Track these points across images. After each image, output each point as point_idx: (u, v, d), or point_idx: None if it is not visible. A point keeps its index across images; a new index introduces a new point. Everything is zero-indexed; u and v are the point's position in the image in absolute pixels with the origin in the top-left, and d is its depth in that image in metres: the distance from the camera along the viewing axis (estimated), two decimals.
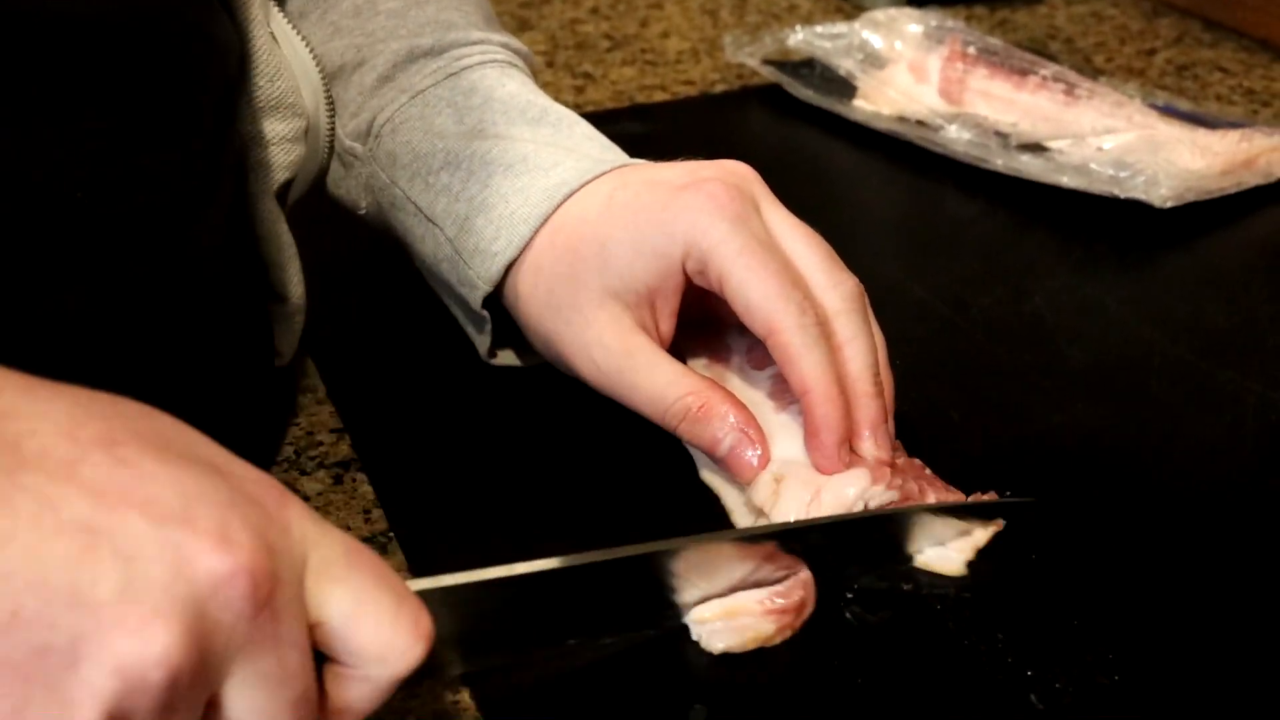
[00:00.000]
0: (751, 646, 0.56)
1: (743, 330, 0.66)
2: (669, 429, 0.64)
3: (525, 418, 0.71)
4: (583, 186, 0.67)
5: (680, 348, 0.69)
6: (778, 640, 0.57)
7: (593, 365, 0.65)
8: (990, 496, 0.63)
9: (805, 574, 0.58)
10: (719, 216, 0.62)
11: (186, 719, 0.39)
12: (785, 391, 0.65)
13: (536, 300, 0.67)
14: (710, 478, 0.66)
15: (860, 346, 0.63)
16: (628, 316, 0.65)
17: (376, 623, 0.43)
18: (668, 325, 0.66)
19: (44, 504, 0.37)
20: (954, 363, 0.76)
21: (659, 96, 1.14)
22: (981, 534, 0.61)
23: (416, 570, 0.61)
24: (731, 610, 0.57)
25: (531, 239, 0.67)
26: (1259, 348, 0.78)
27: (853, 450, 0.62)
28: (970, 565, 0.61)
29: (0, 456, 0.37)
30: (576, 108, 0.75)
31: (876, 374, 0.64)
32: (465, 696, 0.55)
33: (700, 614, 0.57)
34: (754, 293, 0.62)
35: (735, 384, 0.68)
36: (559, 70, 1.20)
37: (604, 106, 1.10)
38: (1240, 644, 0.57)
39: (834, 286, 0.64)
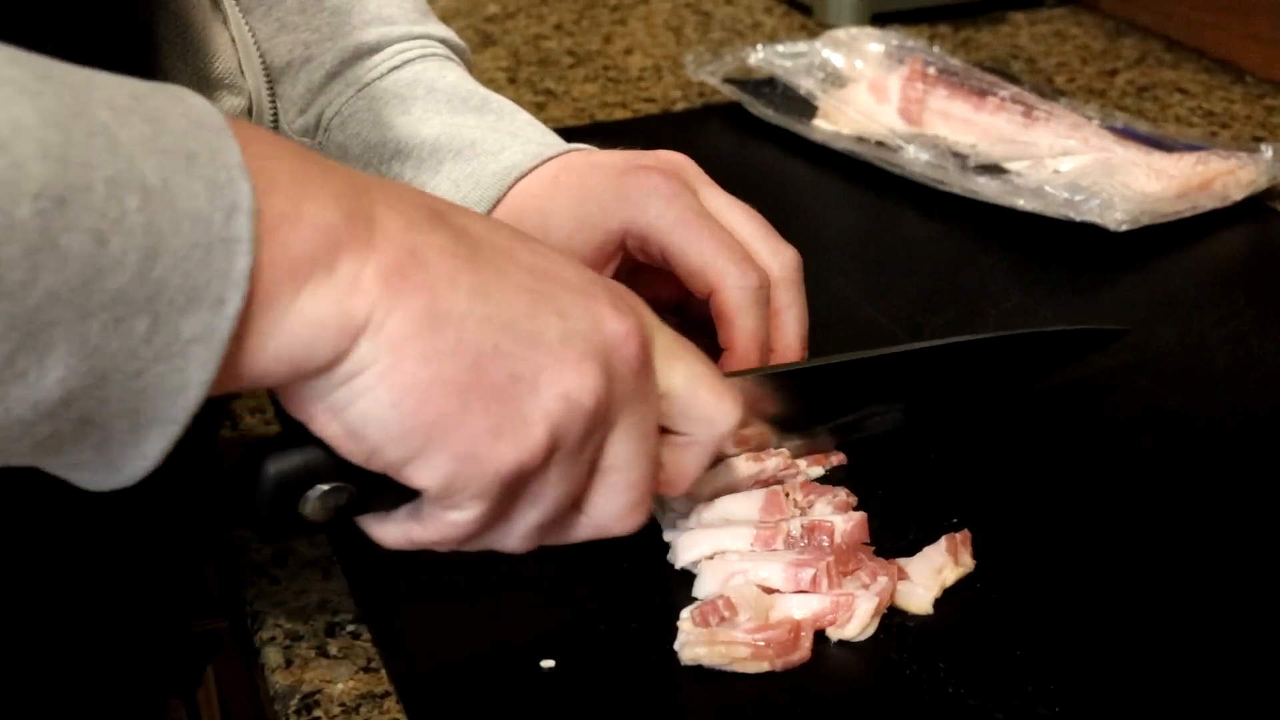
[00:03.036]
0: (722, 664, 0.56)
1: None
2: None
3: None
4: (532, 170, 0.70)
5: None
6: (751, 668, 0.56)
7: None
8: (964, 536, 0.62)
9: (808, 621, 0.58)
10: (657, 195, 0.66)
11: (589, 455, 0.50)
12: None
13: None
14: None
15: (795, 315, 0.68)
16: None
17: (710, 390, 0.54)
18: None
19: (500, 271, 0.48)
20: None
21: (620, 114, 1.14)
22: (950, 573, 0.61)
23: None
24: (722, 641, 0.56)
25: None
26: (1210, 371, 0.78)
27: None
28: (947, 603, 0.60)
29: (460, 236, 0.48)
30: None
31: (805, 346, 0.68)
32: None
33: (687, 626, 0.57)
34: (694, 256, 0.65)
35: None
36: (521, 86, 1.19)
37: (564, 123, 1.10)
38: (1181, 675, 0.57)
39: (774, 255, 0.67)
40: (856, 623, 0.57)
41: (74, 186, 0.38)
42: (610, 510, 0.52)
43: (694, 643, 0.56)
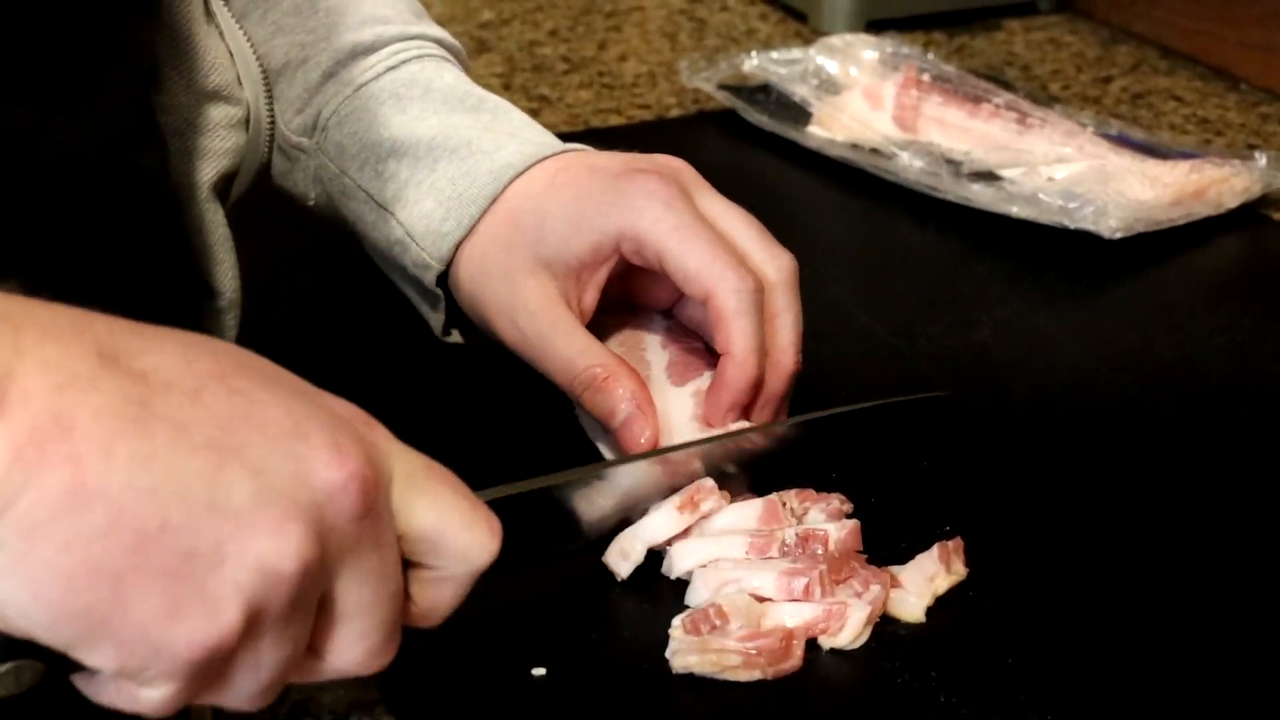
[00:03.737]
0: (713, 672, 0.56)
1: (664, 341, 0.71)
2: (573, 396, 0.67)
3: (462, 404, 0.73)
4: (528, 169, 0.70)
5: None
6: (742, 677, 0.56)
7: (514, 328, 0.68)
8: (956, 543, 0.62)
9: (800, 630, 0.57)
10: (653, 200, 0.66)
11: (307, 613, 0.44)
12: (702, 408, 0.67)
13: (471, 265, 0.70)
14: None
15: (790, 320, 0.67)
16: (553, 286, 0.68)
17: (460, 525, 0.48)
18: (591, 299, 0.69)
19: (177, 428, 0.42)
20: (898, 392, 0.76)
21: (614, 120, 1.14)
22: (943, 581, 0.61)
23: None
24: (714, 649, 0.56)
25: (479, 219, 0.70)
26: (1206, 381, 0.78)
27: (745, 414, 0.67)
28: (939, 611, 0.60)
29: (134, 387, 0.41)
30: None
31: (799, 351, 0.68)
32: None
33: (679, 634, 0.57)
34: (691, 262, 0.65)
35: (654, 396, 0.68)
36: (515, 92, 1.19)
37: (559, 129, 1.10)
38: (1175, 684, 0.56)
39: (770, 260, 0.67)
40: (849, 631, 0.57)
41: None
42: (352, 657, 0.47)
43: (685, 651, 0.56)
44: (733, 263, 0.65)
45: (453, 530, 0.48)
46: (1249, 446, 0.72)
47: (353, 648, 0.47)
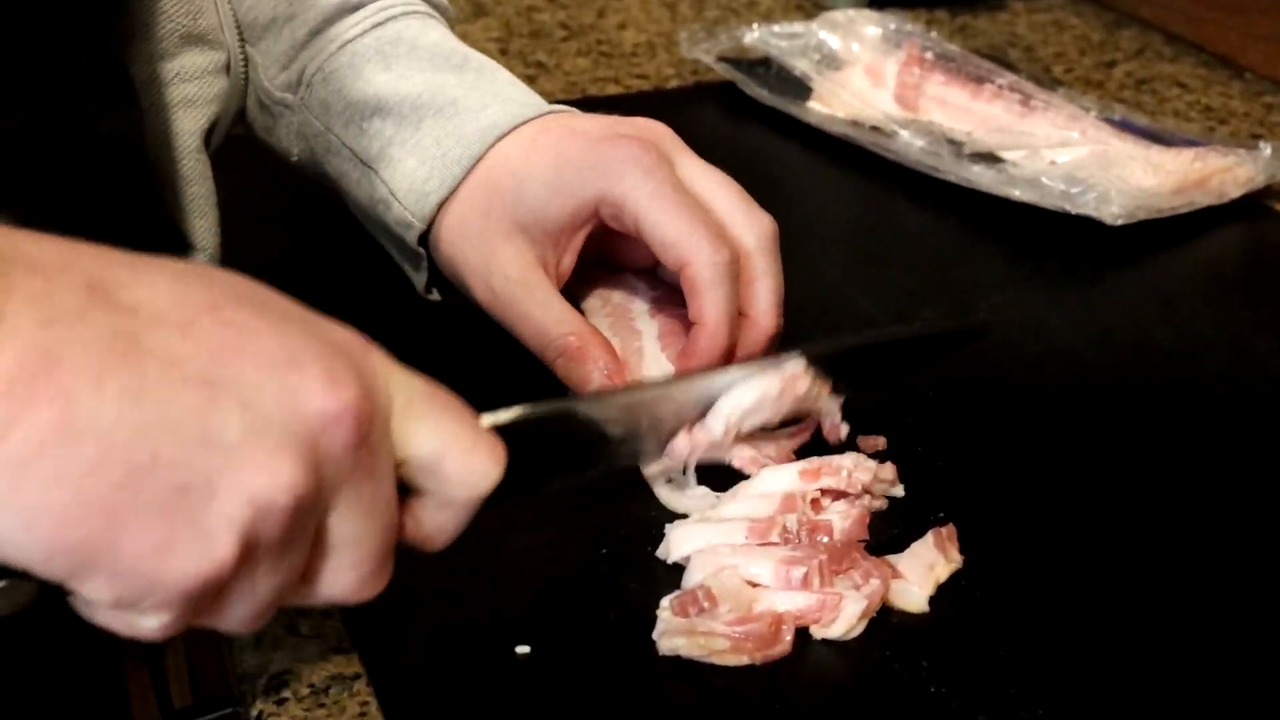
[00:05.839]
0: (700, 655, 0.55)
1: (652, 310, 0.71)
2: (547, 362, 0.67)
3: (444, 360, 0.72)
4: (513, 129, 0.70)
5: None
6: (730, 661, 0.55)
7: (489, 292, 0.68)
8: (949, 530, 0.61)
9: (791, 616, 0.56)
10: (633, 165, 0.66)
11: (302, 543, 0.45)
12: None
13: (450, 226, 0.70)
14: None
15: (769, 284, 0.67)
16: (531, 251, 0.68)
17: (461, 452, 0.48)
18: (569, 263, 0.69)
19: (168, 362, 0.41)
20: None
21: (612, 89, 1.13)
22: (943, 569, 0.60)
23: None
24: (702, 632, 0.55)
25: (463, 178, 0.70)
26: (1203, 371, 0.77)
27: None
28: (932, 601, 0.59)
29: (123, 321, 0.41)
30: None
31: (779, 313, 0.67)
32: (373, 708, 0.54)
33: (666, 615, 0.56)
34: (668, 230, 0.65)
35: (647, 368, 0.68)
36: (512, 58, 1.18)
37: (555, 97, 1.08)
38: (1167, 678, 0.56)
39: (750, 225, 0.67)
40: (842, 623, 0.56)
41: None
42: (343, 586, 0.47)
43: (673, 633, 0.55)
44: (709, 234, 0.65)
45: (453, 456, 0.48)
46: (1245, 438, 0.71)
47: (344, 576, 0.47)
